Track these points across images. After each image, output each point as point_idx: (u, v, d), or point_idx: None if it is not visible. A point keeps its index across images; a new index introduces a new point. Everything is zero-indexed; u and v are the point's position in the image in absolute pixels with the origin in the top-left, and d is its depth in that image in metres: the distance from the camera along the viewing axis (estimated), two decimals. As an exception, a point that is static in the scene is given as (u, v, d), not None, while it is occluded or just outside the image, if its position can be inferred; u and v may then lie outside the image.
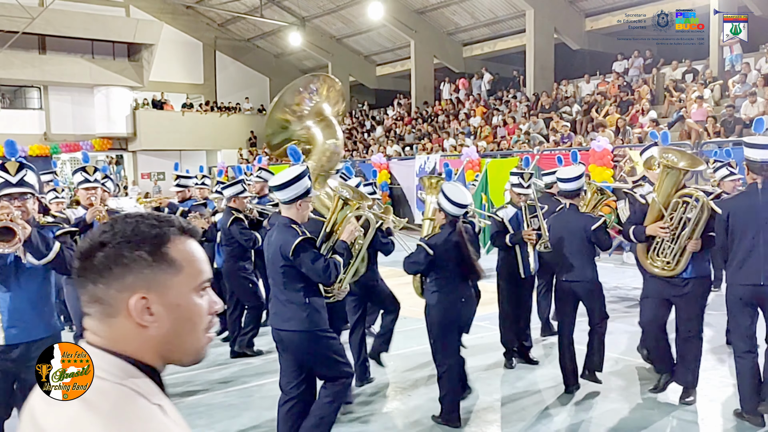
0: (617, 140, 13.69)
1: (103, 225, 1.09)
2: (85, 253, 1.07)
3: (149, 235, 1.07)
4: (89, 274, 1.06)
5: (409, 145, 20.13)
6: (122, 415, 1.00)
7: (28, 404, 1.12)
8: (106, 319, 1.06)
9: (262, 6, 23.87)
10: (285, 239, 3.67)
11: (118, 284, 1.05)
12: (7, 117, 23.09)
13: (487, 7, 20.22)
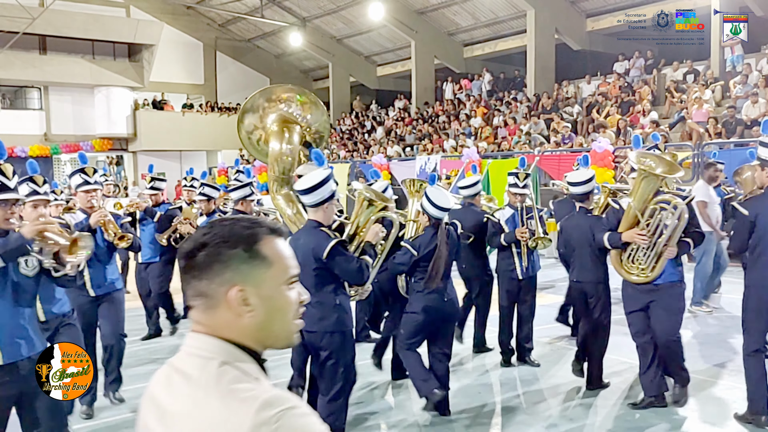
0: (618, 141, 13.67)
1: (203, 228, 1.24)
2: (189, 253, 1.22)
3: (243, 235, 1.21)
4: (193, 271, 1.21)
5: (409, 146, 20.11)
6: (234, 392, 1.13)
7: (148, 393, 1.26)
8: (209, 310, 1.21)
9: (263, 6, 23.85)
10: (317, 242, 3.73)
11: (218, 279, 1.19)
12: (7, 117, 23.08)
13: (488, 8, 20.20)
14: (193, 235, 1.24)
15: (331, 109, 27.21)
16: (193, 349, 1.21)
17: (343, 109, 26.79)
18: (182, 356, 1.23)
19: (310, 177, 3.82)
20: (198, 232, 1.24)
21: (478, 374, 5.74)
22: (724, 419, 4.58)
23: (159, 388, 1.23)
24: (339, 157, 21.71)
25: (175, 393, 1.18)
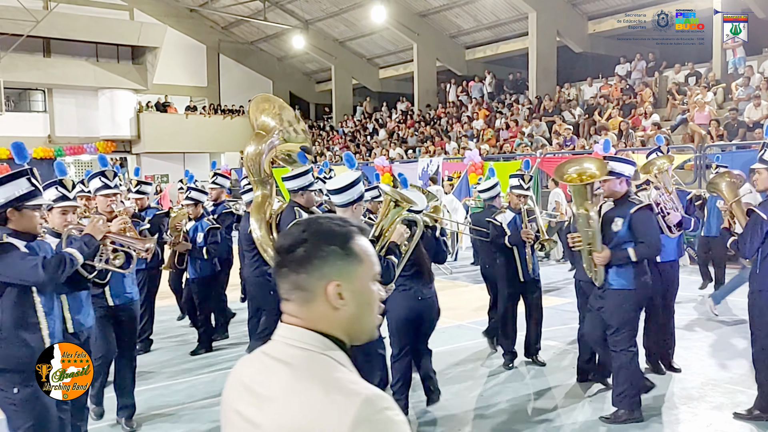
0: (620, 143, 13.69)
1: (299, 225, 1.31)
2: (288, 248, 1.28)
3: (339, 232, 1.29)
4: (292, 265, 1.27)
5: (411, 148, 20.15)
6: (336, 384, 1.20)
7: (236, 376, 1.34)
8: (306, 303, 1.28)
9: (266, 9, 23.95)
10: None
11: (317, 273, 1.26)
12: (11, 120, 23.15)
13: (490, 10, 20.25)
14: (291, 232, 1.30)
15: (333, 111, 27.31)
16: (290, 341, 1.27)
17: (345, 111, 26.86)
18: (279, 346, 1.28)
19: (342, 178, 3.97)
20: (295, 228, 1.30)
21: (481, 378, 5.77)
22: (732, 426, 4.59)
23: (253, 376, 1.28)
24: (342, 159, 21.76)
25: (274, 381, 1.24)
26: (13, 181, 3.20)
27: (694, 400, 5.02)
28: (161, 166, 25.90)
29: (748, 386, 5.16)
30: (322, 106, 30.05)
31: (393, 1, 21.02)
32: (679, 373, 5.60)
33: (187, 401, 5.28)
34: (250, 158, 5.15)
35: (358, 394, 1.16)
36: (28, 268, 3.16)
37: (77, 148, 25.08)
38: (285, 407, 1.20)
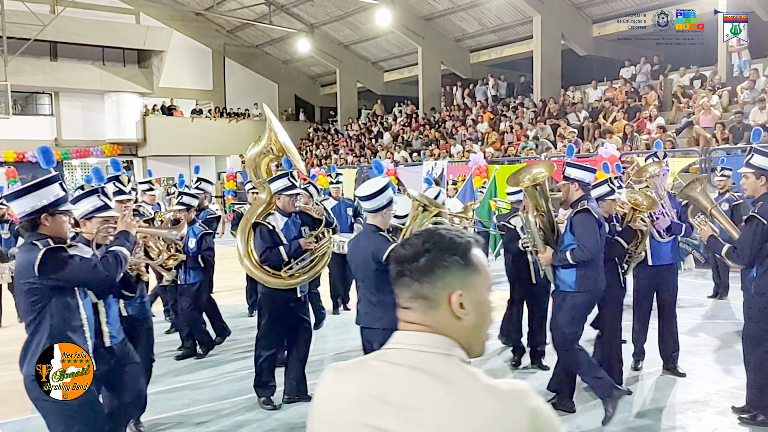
0: (625, 146, 13.68)
1: (419, 235, 1.32)
2: (411, 258, 1.29)
3: (460, 243, 1.30)
4: (415, 274, 1.28)
5: (416, 151, 20.18)
6: (494, 386, 1.20)
7: (356, 390, 1.27)
8: (429, 311, 1.28)
9: (271, 13, 24.04)
10: (377, 245, 3.95)
11: (440, 283, 1.27)
12: (18, 123, 23.28)
13: (494, 14, 20.28)
14: (411, 242, 1.31)
15: (338, 114, 27.36)
16: (424, 347, 1.25)
17: (350, 114, 26.92)
18: (408, 354, 1.25)
19: (372, 184, 4.08)
20: (415, 239, 1.31)
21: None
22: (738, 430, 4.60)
23: (387, 388, 1.23)
24: (346, 162, 21.81)
25: (425, 393, 1.19)
26: (46, 187, 3.20)
27: (699, 404, 5.02)
28: (167, 169, 26.00)
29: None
30: (327, 110, 30.12)
31: (398, 5, 21.07)
32: (684, 377, 5.59)
33: (193, 405, 5.32)
34: (248, 162, 5.27)
35: (520, 390, 1.19)
36: (89, 269, 3.19)
37: (83, 151, 25.22)
38: (452, 417, 1.16)
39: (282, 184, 5.07)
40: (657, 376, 5.68)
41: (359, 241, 4.15)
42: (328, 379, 1.34)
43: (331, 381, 1.33)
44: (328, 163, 22.24)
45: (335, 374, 1.33)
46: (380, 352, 1.31)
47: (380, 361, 1.28)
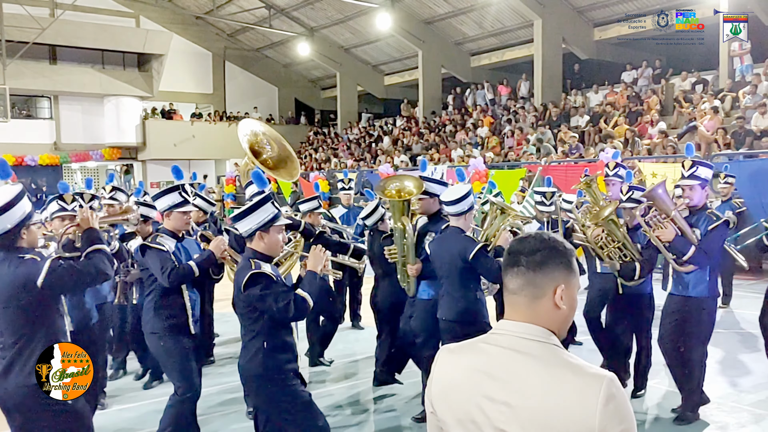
0: (626, 151, 13.56)
1: (536, 237, 1.59)
2: (528, 252, 1.56)
3: (567, 250, 1.59)
4: (531, 265, 1.55)
5: (416, 155, 20.07)
6: (580, 368, 1.47)
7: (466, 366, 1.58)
8: (536, 300, 1.55)
9: (271, 17, 23.98)
10: (464, 245, 4.35)
11: (550, 276, 1.54)
12: (18, 126, 23.25)
13: (495, 17, 20.18)
14: (529, 240, 1.58)
15: (338, 117, 27.28)
16: (524, 334, 1.52)
17: (350, 118, 26.83)
18: (512, 340, 1.53)
19: (455, 190, 4.43)
20: (533, 239, 1.58)
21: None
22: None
23: (495, 366, 1.52)
24: (346, 166, 21.71)
25: (520, 368, 1.48)
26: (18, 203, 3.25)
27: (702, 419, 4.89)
28: (167, 172, 25.89)
29: (757, 406, 5.05)
30: (327, 113, 30.05)
31: (398, 9, 21.00)
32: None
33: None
34: (240, 170, 5.31)
35: (603, 375, 1.43)
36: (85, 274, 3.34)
37: (83, 155, 25.16)
38: (544, 389, 1.44)
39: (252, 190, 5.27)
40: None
41: (444, 242, 4.51)
42: (443, 358, 1.66)
43: (446, 360, 1.64)
44: (327, 167, 22.15)
45: (449, 354, 1.65)
46: (487, 336, 1.60)
47: (488, 344, 1.57)
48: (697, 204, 4.63)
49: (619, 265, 5.03)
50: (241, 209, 3.40)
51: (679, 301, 4.70)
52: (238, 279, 3.39)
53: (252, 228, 3.39)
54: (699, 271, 4.59)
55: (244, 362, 3.45)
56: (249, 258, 3.40)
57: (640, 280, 5.02)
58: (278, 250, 3.57)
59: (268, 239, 3.42)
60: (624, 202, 5.16)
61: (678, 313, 4.71)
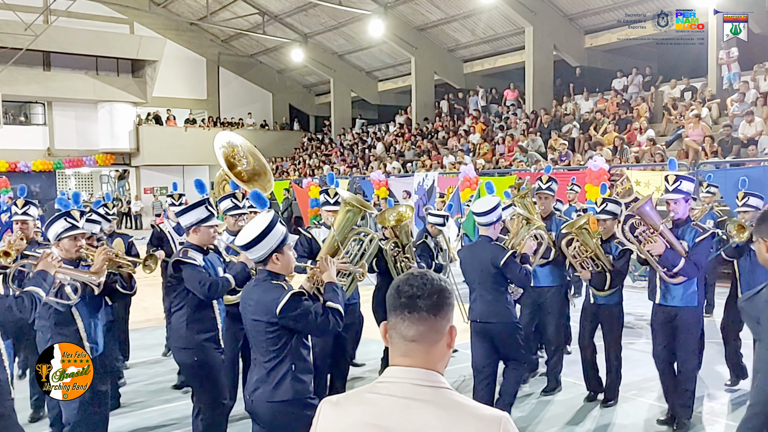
0: (615, 159, 13.63)
1: (419, 277, 1.53)
2: (428, 294, 1.51)
3: (449, 287, 1.55)
4: (432, 309, 1.50)
5: (408, 162, 20.13)
6: (469, 407, 1.46)
7: (356, 419, 1.48)
8: (433, 345, 1.50)
9: (265, 23, 24.05)
10: (495, 253, 4.73)
11: (445, 319, 1.51)
12: (11, 133, 23.28)
13: (487, 24, 20.27)
14: (415, 282, 1.51)
15: (332, 123, 27.34)
16: (419, 381, 1.47)
17: (344, 124, 26.89)
18: (407, 387, 1.46)
19: (486, 202, 4.75)
20: (418, 279, 1.52)
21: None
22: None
23: (389, 416, 1.44)
24: (339, 173, 21.75)
25: (417, 417, 1.43)
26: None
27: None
28: (160, 178, 25.94)
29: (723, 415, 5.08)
30: (321, 119, 30.11)
31: (391, 15, 21.08)
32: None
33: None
34: (215, 182, 5.42)
35: (500, 416, 1.43)
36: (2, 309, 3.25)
37: (76, 160, 25.17)
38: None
39: (226, 204, 5.38)
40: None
41: (475, 251, 4.91)
42: (326, 412, 1.55)
43: (330, 414, 1.54)
44: (320, 174, 22.18)
45: (332, 408, 1.55)
46: (373, 386, 1.51)
47: (378, 394, 1.48)
48: (681, 217, 4.75)
49: (590, 274, 5.17)
50: (249, 237, 3.23)
51: (668, 311, 4.78)
52: (265, 303, 3.17)
53: (265, 253, 3.24)
54: (687, 282, 4.69)
55: (268, 390, 3.18)
56: (269, 279, 3.24)
57: (610, 291, 5.19)
58: (292, 268, 3.43)
59: (283, 259, 3.29)
60: (598, 213, 5.28)
61: (668, 324, 4.79)
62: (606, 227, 5.32)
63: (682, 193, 4.72)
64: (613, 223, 5.32)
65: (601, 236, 5.35)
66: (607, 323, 5.35)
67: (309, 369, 3.32)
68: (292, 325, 3.17)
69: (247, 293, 3.33)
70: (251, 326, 3.28)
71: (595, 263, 5.20)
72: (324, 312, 3.22)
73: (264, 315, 3.18)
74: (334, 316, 3.25)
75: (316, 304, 3.24)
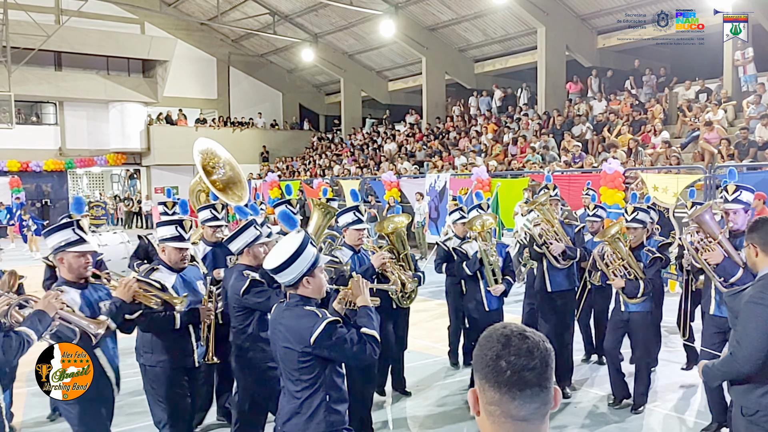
0: (629, 161, 13.52)
1: (526, 340, 1.33)
2: (540, 366, 1.31)
3: (549, 346, 1.37)
4: (545, 382, 1.32)
5: (419, 163, 20.06)
6: None
7: None
8: (543, 419, 1.33)
9: (275, 23, 24.05)
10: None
11: (552, 381, 1.34)
12: (23, 132, 23.37)
13: (499, 24, 20.19)
14: (523, 350, 1.31)
15: (342, 123, 27.31)
16: None
17: (354, 123, 26.86)
18: None
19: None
20: (524, 344, 1.32)
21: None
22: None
23: None
24: (349, 173, 21.72)
25: None
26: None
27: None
28: (171, 178, 25.98)
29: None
30: (331, 118, 30.10)
31: (402, 15, 21.02)
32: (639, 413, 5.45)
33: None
34: (189, 192, 5.49)
35: None
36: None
37: (88, 160, 25.26)
38: None
39: (205, 215, 5.36)
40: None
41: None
42: None
43: None
44: (330, 174, 22.16)
45: None
46: None
47: None
48: (740, 227, 4.66)
49: (624, 282, 5.17)
50: (279, 261, 3.03)
51: (722, 322, 4.68)
52: (297, 330, 3.00)
53: (296, 277, 3.04)
54: None
55: (301, 422, 3.03)
56: (300, 305, 3.07)
57: (642, 298, 5.17)
58: (324, 291, 3.21)
59: (314, 282, 3.09)
60: (628, 222, 5.28)
61: (722, 334, 4.69)
62: (636, 235, 5.36)
63: (742, 204, 4.69)
64: (643, 231, 5.36)
65: (630, 244, 5.38)
66: (639, 331, 5.35)
67: (344, 398, 3.15)
68: (326, 355, 3.01)
69: (277, 317, 3.16)
70: (282, 353, 3.10)
71: (627, 271, 5.22)
72: (360, 339, 3.04)
73: (297, 344, 3.00)
74: (370, 344, 3.06)
75: (351, 331, 3.05)
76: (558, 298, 5.81)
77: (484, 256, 5.56)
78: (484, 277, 5.62)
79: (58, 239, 3.53)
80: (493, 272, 5.59)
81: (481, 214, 5.70)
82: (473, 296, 5.71)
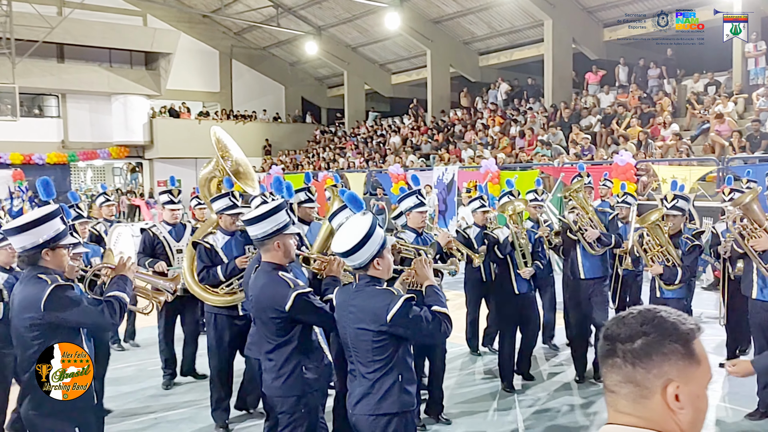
0: (639, 153, 13.54)
1: (638, 315, 1.24)
2: (627, 338, 1.22)
3: (683, 330, 1.22)
4: (629, 356, 1.20)
5: (425, 156, 20.04)
6: None
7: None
8: (640, 399, 1.21)
9: (278, 15, 23.94)
10: None
11: (656, 371, 1.19)
12: (25, 125, 23.22)
13: (504, 17, 20.14)
14: (628, 320, 1.24)
15: (345, 116, 27.26)
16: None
17: (358, 116, 26.81)
18: None
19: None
20: (633, 318, 1.24)
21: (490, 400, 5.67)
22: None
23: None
24: (354, 166, 21.69)
25: None
26: (47, 222, 3.18)
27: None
28: (174, 171, 25.88)
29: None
30: (333, 111, 30.03)
31: (406, 8, 20.95)
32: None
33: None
34: (200, 182, 5.48)
35: None
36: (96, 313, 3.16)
37: (90, 153, 25.15)
38: None
39: (223, 203, 5.15)
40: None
41: None
42: None
43: None
44: (335, 167, 22.12)
45: None
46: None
47: None
48: None
49: (662, 269, 5.22)
50: (351, 244, 3.04)
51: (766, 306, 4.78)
52: (372, 309, 2.99)
53: (367, 259, 3.05)
54: None
55: (373, 402, 3.02)
56: (372, 284, 3.08)
57: (679, 285, 5.23)
58: (391, 272, 3.23)
59: (384, 263, 3.11)
60: (669, 210, 5.30)
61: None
62: (675, 223, 5.40)
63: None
64: (682, 219, 5.41)
65: (669, 232, 5.42)
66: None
67: (414, 379, 3.15)
68: (402, 333, 2.99)
69: (346, 299, 3.15)
70: (354, 335, 3.07)
71: (666, 258, 5.26)
72: (434, 317, 3.03)
73: (372, 323, 2.99)
74: (444, 322, 3.05)
75: (424, 309, 3.04)
76: (591, 285, 5.83)
77: (515, 239, 5.65)
78: (514, 261, 5.66)
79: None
80: (523, 255, 5.66)
81: (512, 200, 5.82)
82: (503, 280, 5.77)
